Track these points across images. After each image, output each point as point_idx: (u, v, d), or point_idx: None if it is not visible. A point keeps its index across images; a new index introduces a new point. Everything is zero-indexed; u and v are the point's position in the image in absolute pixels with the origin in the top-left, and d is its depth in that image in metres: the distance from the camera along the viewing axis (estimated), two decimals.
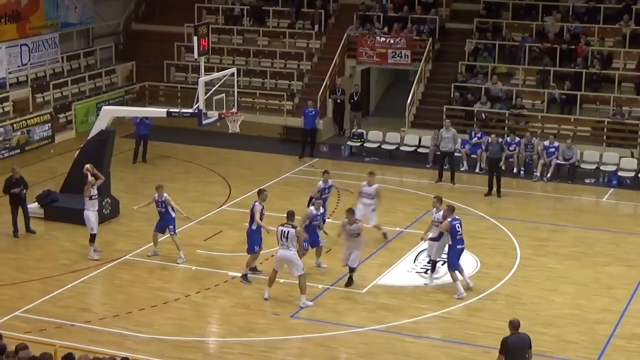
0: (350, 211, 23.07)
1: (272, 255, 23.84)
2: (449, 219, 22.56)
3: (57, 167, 27.20)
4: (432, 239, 23.18)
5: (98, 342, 19.80)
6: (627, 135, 33.97)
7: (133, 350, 19.02)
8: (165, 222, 24.49)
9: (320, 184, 25.75)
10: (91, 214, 24.82)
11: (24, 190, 26.33)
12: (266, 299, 22.02)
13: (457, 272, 22.63)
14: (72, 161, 28.12)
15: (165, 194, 24.38)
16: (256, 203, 23.15)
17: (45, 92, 37.52)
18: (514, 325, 16.80)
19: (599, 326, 21.11)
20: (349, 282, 22.95)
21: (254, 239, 23.07)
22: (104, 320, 21.04)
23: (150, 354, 18.77)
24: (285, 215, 22.02)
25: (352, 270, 22.96)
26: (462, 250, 22.86)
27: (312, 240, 23.74)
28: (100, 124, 27.64)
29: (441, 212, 23.02)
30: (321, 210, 24.38)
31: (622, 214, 29.87)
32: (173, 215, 24.41)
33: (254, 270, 23.41)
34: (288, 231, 21.52)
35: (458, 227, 22.62)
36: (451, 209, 22.87)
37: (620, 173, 31.91)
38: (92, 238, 24.74)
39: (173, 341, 20.24)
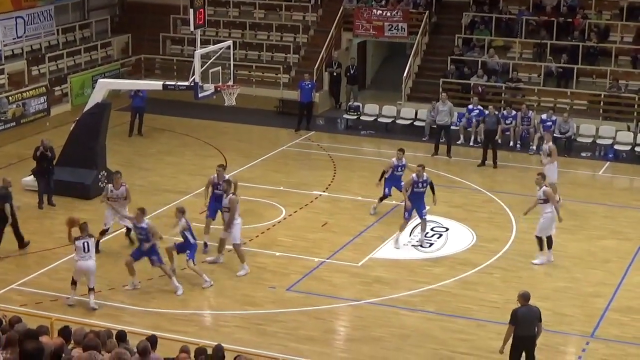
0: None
1: (258, 236, 23.98)
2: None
3: (53, 140, 27.10)
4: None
5: (94, 315, 19.85)
6: (623, 109, 33.95)
7: (129, 323, 19.04)
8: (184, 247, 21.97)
9: (394, 160, 25.92)
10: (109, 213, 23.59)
11: (52, 162, 26.50)
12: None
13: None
14: (67, 134, 28.03)
15: (183, 219, 21.72)
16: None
17: (41, 65, 37.40)
18: (525, 297, 17.10)
19: (594, 299, 21.17)
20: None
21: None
22: (99, 293, 21.03)
23: (146, 327, 18.76)
24: None
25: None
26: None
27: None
28: (96, 96, 27.54)
29: (542, 190, 22.86)
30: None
31: (618, 187, 29.89)
32: (192, 242, 21.72)
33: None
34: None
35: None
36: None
37: (616, 147, 31.92)
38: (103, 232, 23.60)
39: (169, 314, 20.28)
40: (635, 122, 32.86)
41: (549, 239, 23.04)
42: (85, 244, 20.37)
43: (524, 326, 16.98)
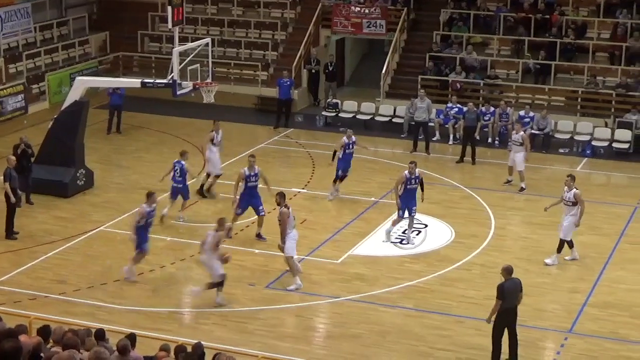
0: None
1: (237, 233, 24.00)
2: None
3: (31, 139, 27.01)
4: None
5: (73, 314, 19.79)
6: (600, 105, 34.11)
7: (108, 322, 18.99)
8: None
9: (344, 139, 26.75)
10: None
11: (30, 160, 26.36)
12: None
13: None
14: (45, 132, 27.92)
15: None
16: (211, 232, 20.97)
17: (18, 63, 37.20)
18: (508, 270, 17.75)
19: (573, 295, 21.28)
20: None
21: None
22: (78, 291, 21.02)
23: (125, 325, 18.74)
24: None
25: None
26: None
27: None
28: (74, 94, 27.45)
29: (573, 192, 22.64)
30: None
31: (596, 183, 30.01)
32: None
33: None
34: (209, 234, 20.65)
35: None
36: None
37: (594, 143, 32.05)
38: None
39: (148, 312, 20.25)
40: (612, 118, 33.01)
41: (563, 241, 22.93)
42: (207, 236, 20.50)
43: (509, 299, 17.62)
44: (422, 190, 24.02)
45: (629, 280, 22.13)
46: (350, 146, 27.03)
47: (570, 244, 22.95)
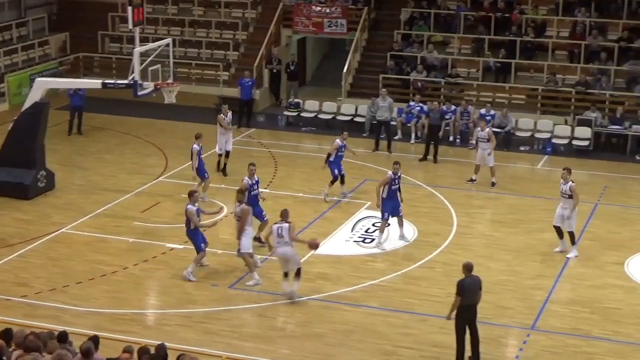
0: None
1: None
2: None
3: None
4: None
5: (35, 317, 19.65)
6: (560, 103, 34.34)
7: (70, 324, 18.88)
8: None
9: (338, 141, 26.86)
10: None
11: None
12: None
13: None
14: (5, 134, 27.70)
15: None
16: (188, 205, 21.60)
17: None
18: (468, 267, 17.80)
19: (535, 292, 21.40)
20: None
21: (197, 239, 21.94)
22: (40, 294, 20.87)
23: (88, 327, 18.64)
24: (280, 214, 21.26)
25: None
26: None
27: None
28: (34, 95, 27.25)
29: (569, 185, 23.06)
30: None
31: (556, 180, 29.80)
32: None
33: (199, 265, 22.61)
34: (282, 227, 20.76)
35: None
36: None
37: (554, 140, 32.28)
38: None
39: (111, 314, 20.15)
40: (572, 116, 33.24)
41: (559, 229, 23.31)
42: (279, 229, 20.68)
43: (469, 296, 17.69)
44: (399, 190, 24.10)
45: (590, 277, 22.29)
46: (343, 149, 27.05)
47: (561, 235, 23.28)
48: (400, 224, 24.18)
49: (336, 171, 26.81)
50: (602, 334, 19.48)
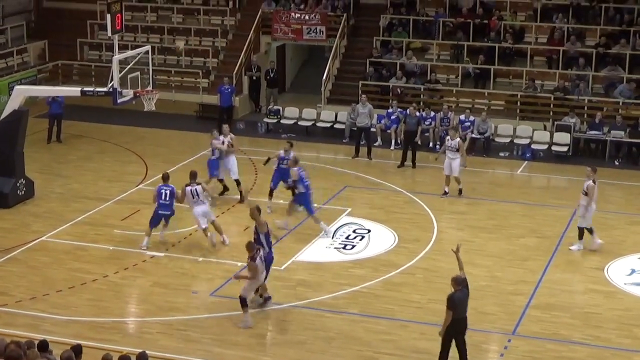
0: None
1: (180, 241, 23.99)
2: None
3: None
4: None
5: (14, 325, 19.57)
6: (539, 109, 34.47)
7: (50, 333, 18.82)
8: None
9: (281, 152, 26.78)
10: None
11: None
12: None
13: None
14: None
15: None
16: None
17: None
18: (457, 281, 17.58)
19: (515, 297, 21.47)
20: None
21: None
22: (20, 303, 20.78)
23: (69, 335, 18.60)
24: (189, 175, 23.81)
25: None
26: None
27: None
28: (13, 104, 27.15)
29: (587, 183, 23.81)
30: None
31: (536, 186, 30.32)
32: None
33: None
34: (196, 188, 23.52)
35: None
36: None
37: (533, 146, 32.39)
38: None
39: (91, 322, 20.09)
40: (551, 122, 33.37)
41: (582, 229, 23.98)
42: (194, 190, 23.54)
43: (460, 309, 17.48)
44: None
45: (570, 282, 22.41)
46: (284, 161, 26.49)
47: (582, 234, 24.01)
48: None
49: (272, 184, 26.74)
50: (583, 339, 19.57)
